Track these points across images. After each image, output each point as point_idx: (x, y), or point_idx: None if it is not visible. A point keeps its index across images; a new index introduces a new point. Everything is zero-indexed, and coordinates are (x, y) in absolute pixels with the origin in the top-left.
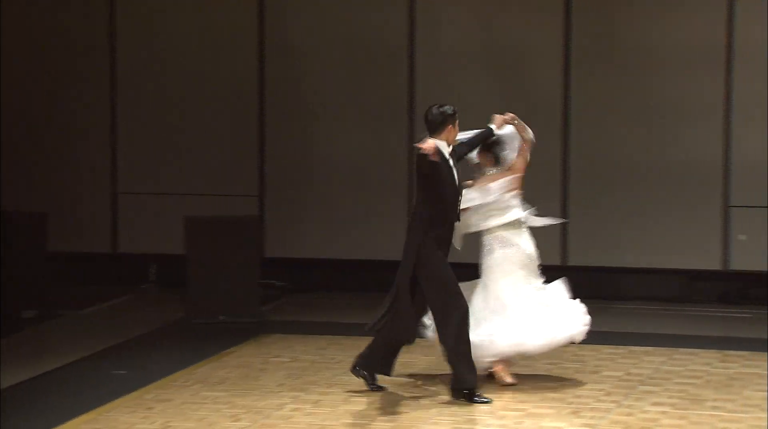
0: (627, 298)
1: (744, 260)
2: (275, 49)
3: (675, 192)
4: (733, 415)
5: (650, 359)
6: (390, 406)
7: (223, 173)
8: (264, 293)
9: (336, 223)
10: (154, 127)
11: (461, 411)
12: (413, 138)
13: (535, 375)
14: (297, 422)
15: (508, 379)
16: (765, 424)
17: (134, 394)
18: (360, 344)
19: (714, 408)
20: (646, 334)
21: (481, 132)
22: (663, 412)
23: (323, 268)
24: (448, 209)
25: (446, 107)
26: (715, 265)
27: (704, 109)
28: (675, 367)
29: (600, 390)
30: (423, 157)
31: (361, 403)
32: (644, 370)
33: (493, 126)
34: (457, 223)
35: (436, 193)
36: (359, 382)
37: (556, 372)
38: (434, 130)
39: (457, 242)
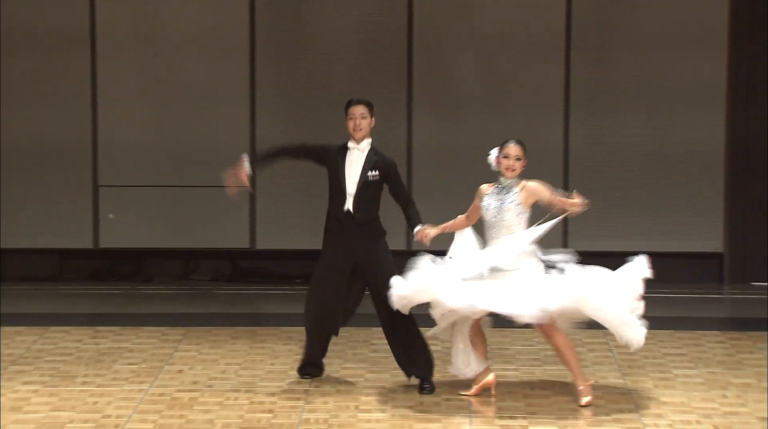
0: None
1: (113, 238)
2: None
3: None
4: (103, 389)
5: (22, 339)
6: None
7: None
8: None
9: None
10: None
11: None
12: None
13: None
14: None
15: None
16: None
17: None
18: None
19: (84, 383)
20: (18, 315)
21: (413, 220)
22: (34, 391)
23: None
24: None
25: None
26: (86, 243)
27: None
28: (47, 345)
29: None
30: None
31: None
32: (16, 350)
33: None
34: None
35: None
36: None
37: None
38: None
39: None
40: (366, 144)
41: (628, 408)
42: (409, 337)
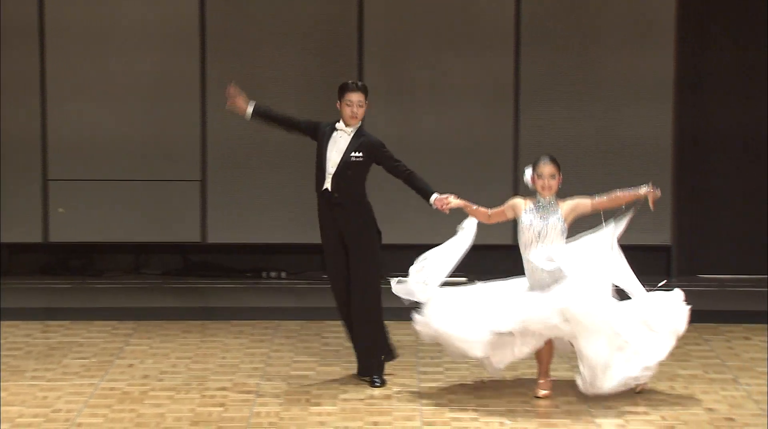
0: None
1: (63, 232)
2: None
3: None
4: (53, 383)
5: None
6: None
7: None
8: None
9: None
10: None
11: None
12: None
13: None
14: None
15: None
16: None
17: None
18: None
19: (34, 378)
20: None
21: (423, 190)
22: None
23: None
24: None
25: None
26: (36, 237)
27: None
28: None
29: None
30: None
31: None
32: None
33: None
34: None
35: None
36: None
37: None
38: None
39: None
40: (354, 127)
41: (578, 400)
42: (372, 333)
